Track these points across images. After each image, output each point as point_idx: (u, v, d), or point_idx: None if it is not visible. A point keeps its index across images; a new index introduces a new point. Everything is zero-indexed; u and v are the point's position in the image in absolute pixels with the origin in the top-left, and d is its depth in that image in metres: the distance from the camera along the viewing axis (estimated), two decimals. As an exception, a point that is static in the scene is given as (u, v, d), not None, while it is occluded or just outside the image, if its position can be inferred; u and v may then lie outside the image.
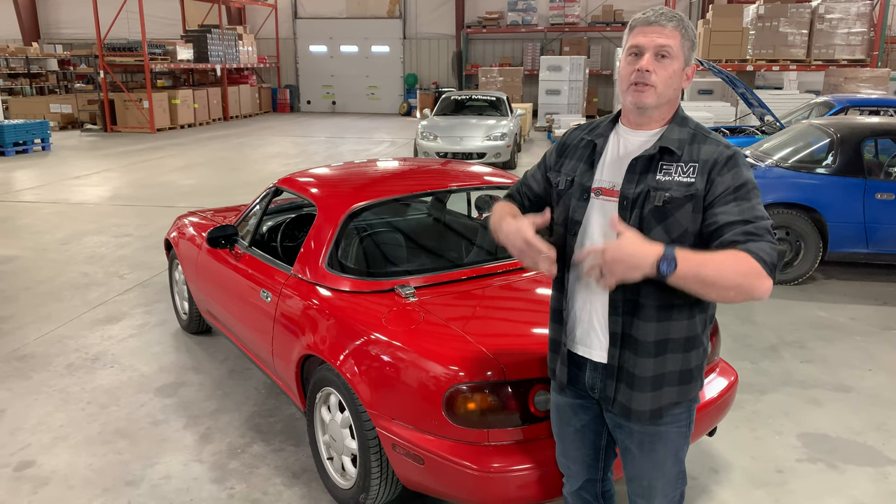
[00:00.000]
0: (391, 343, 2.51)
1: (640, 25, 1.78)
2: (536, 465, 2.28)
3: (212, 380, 4.00)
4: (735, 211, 1.70)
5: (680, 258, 1.59)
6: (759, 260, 1.63)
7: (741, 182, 1.72)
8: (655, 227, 1.75)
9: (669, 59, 1.74)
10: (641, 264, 1.59)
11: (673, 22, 1.75)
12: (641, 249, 1.59)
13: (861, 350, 4.44)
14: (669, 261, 1.59)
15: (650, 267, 1.59)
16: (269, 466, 3.15)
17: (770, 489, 2.99)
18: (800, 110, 9.40)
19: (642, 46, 1.75)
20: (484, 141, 11.00)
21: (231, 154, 13.45)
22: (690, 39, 1.77)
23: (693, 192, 1.73)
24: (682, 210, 1.74)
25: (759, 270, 1.62)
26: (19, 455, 3.24)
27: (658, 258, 1.59)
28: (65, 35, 24.65)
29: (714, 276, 1.61)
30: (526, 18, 21.28)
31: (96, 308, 5.13)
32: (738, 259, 1.63)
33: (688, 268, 1.60)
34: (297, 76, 24.81)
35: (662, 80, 1.75)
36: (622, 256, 1.59)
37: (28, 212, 8.44)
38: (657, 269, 1.59)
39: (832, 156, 5.50)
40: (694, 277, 1.61)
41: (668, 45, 1.73)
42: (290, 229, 3.99)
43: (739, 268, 1.61)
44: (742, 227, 1.68)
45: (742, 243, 1.65)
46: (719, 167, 1.73)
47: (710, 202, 1.73)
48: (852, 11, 12.39)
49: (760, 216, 1.70)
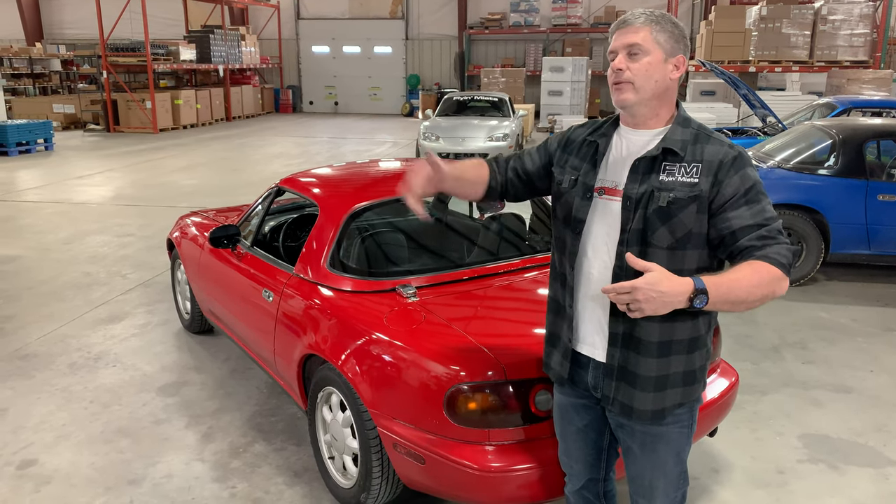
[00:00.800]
0: (392, 343, 2.52)
1: (615, 30, 1.83)
2: (537, 465, 2.29)
3: (214, 379, 4.01)
4: (748, 215, 1.72)
5: (710, 289, 1.63)
6: (777, 265, 1.68)
7: (750, 184, 1.74)
8: (660, 228, 1.76)
9: (642, 55, 1.76)
10: (674, 301, 1.61)
11: (641, 18, 1.77)
12: (674, 288, 1.60)
13: (862, 351, 4.44)
14: (702, 296, 1.62)
15: (683, 303, 1.62)
16: (271, 466, 3.16)
17: (771, 490, 2.99)
18: (802, 111, 9.40)
19: (616, 49, 1.80)
20: (486, 142, 11.00)
21: (233, 154, 13.48)
22: (668, 31, 1.77)
23: (697, 192, 1.74)
24: (686, 210, 1.74)
25: (779, 275, 1.68)
26: (22, 454, 3.25)
27: (691, 294, 1.61)
28: (68, 35, 24.72)
29: (744, 296, 1.66)
30: (528, 19, 21.30)
31: (98, 307, 5.14)
32: (759, 271, 1.67)
33: (718, 295, 1.64)
34: (300, 77, 24.85)
35: (639, 74, 1.76)
36: (656, 295, 1.59)
37: (31, 211, 8.47)
38: (690, 304, 1.63)
39: (834, 157, 5.50)
40: (724, 302, 1.66)
41: (635, 42, 1.76)
42: (292, 229, 4.00)
43: (762, 278, 1.66)
44: (756, 232, 1.71)
45: (759, 249, 1.70)
46: (726, 168, 1.74)
47: (721, 206, 1.74)
48: (855, 13, 12.38)
49: (771, 217, 1.73)
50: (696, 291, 1.62)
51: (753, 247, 1.70)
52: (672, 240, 1.75)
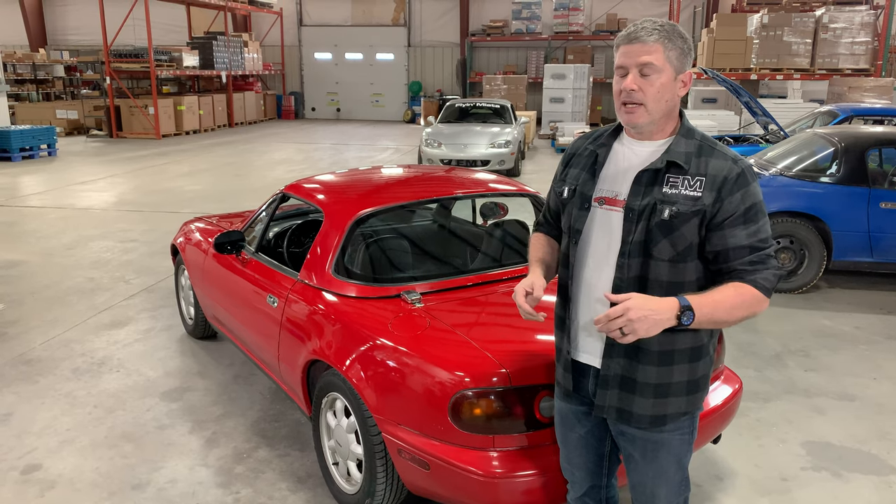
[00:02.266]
0: (397, 348, 2.53)
1: (623, 44, 1.77)
2: (541, 471, 2.29)
3: (217, 384, 4.02)
4: (743, 235, 1.75)
5: (696, 308, 1.70)
6: (761, 289, 1.75)
7: (751, 203, 1.75)
8: (661, 241, 1.76)
9: (655, 75, 1.73)
10: (664, 319, 1.68)
11: (654, 35, 1.73)
12: (661, 305, 1.68)
13: (865, 359, 4.44)
14: (688, 314, 1.69)
15: (672, 321, 1.69)
16: (275, 471, 3.16)
17: (774, 497, 2.99)
18: (804, 119, 9.41)
19: (626, 65, 1.76)
20: (488, 148, 11.03)
21: (236, 160, 13.51)
22: (679, 48, 1.75)
23: (700, 206, 1.74)
24: (688, 224, 1.75)
25: (760, 297, 1.76)
26: (26, 458, 3.26)
27: (678, 312, 1.69)
28: (71, 41, 24.82)
29: (724, 317, 1.75)
30: (530, 27, 21.35)
31: (102, 313, 5.16)
32: (743, 294, 1.74)
33: (702, 314, 1.71)
34: (302, 83, 24.91)
35: (651, 97, 1.75)
36: (647, 314, 1.66)
37: (34, 217, 8.49)
38: (678, 321, 1.70)
39: (836, 165, 5.51)
40: (708, 321, 1.74)
41: (649, 61, 1.72)
42: (297, 235, 4.01)
43: (745, 301, 1.74)
44: (749, 256, 1.75)
45: (749, 273, 1.75)
46: (729, 185, 1.74)
47: (720, 223, 1.75)
48: (856, 21, 12.41)
49: (765, 237, 1.77)
50: (683, 308, 1.69)
51: (744, 271, 1.75)
52: (673, 252, 1.76)
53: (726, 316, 1.74)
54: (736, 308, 1.74)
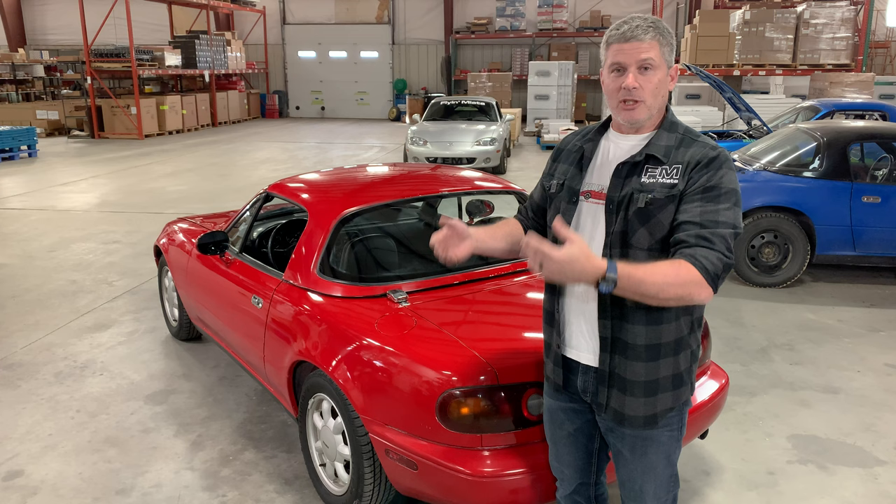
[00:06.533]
0: (384, 348, 2.51)
1: (616, 42, 1.76)
2: (530, 470, 2.28)
3: (202, 387, 3.98)
4: (696, 212, 1.69)
5: (622, 277, 1.59)
6: (700, 269, 1.63)
7: (713, 183, 1.71)
8: (640, 230, 1.76)
9: (653, 70, 1.74)
10: (578, 278, 1.59)
11: (650, 33, 1.73)
12: (585, 265, 1.56)
13: (849, 352, 4.48)
14: (609, 282, 1.59)
15: (586, 282, 1.61)
16: (262, 473, 3.14)
17: (761, 490, 3.01)
18: (786, 114, 9.49)
19: (624, 63, 1.75)
20: (474, 146, 11.02)
21: (220, 160, 13.41)
22: (669, 44, 1.77)
23: (675, 192, 1.74)
24: (664, 211, 1.74)
25: (698, 279, 1.62)
26: (8, 465, 3.21)
27: (598, 277, 1.58)
28: (51, 41, 24.51)
29: (654, 291, 1.63)
30: (514, 24, 21.37)
31: (85, 315, 5.09)
32: (679, 270, 1.63)
33: (630, 285, 1.61)
34: (286, 82, 24.77)
35: (650, 93, 1.76)
36: (564, 266, 1.55)
37: (15, 219, 8.38)
38: (596, 286, 1.61)
39: (819, 159, 5.55)
40: (634, 293, 1.63)
41: (649, 57, 1.73)
42: (281, 235, 3.98)
43: (680, 279, 1.62)
44: (696, 230, 1.67)
45: (690, 246, 1.66)
46: (700, 167, 1.74)
47: (681, 199, 1.73)
48: (837, 17, 12.53)
49: (722, 222, 1.68)
50: (605, 278, 1.58)
51: (685, 243, 1.67)
52: (651, 241, 1.75)
53: (656, 290, 1.61)
54: (669, 284, 1.61)
